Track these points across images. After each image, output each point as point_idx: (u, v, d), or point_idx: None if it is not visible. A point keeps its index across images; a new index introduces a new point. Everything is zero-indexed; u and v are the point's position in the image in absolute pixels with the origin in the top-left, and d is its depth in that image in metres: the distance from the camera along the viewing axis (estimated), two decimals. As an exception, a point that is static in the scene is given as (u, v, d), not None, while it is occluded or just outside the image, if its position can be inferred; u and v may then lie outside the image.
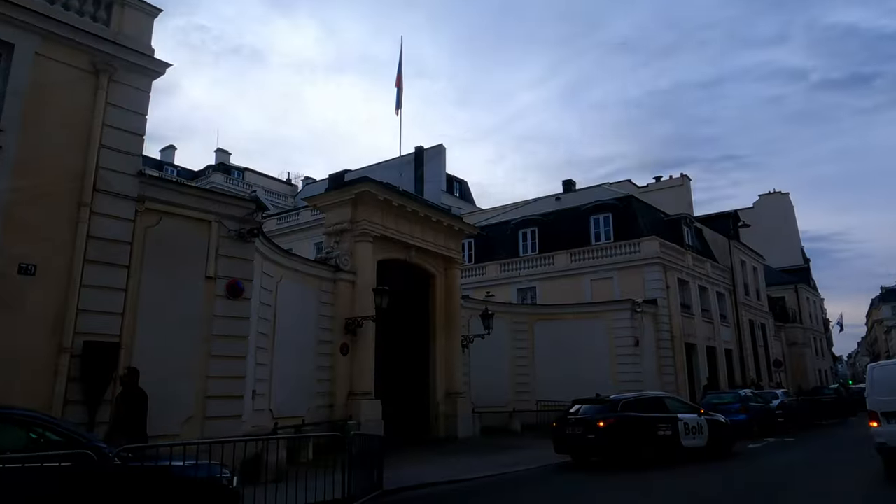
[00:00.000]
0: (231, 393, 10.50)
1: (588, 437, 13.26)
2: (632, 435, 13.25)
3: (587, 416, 13.78)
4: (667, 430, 13.81)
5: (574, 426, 13.73)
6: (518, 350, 24.36)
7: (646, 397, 15.14)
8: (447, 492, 10.69)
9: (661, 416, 13.99)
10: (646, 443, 13.44)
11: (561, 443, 14.14)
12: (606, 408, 13.87)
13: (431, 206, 20.50)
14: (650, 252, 26.37)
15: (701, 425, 14.46)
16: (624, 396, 14.91)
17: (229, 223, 10.98)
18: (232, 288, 10.79)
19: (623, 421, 13.35)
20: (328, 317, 16.87)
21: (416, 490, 10.61)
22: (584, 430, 13.38)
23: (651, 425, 13.65)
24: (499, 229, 33.10)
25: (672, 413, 14.28)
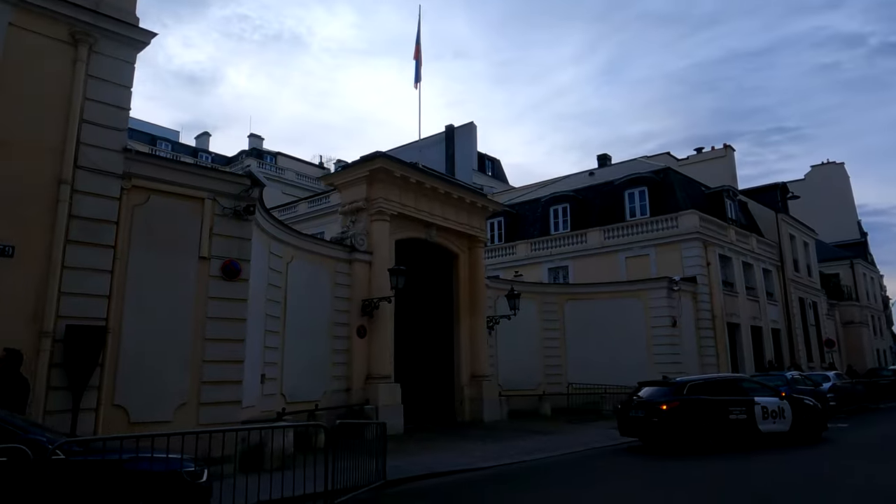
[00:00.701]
0: (228, 378, 10.05)
1: (652, 420, 12.95)
2: (698, 419, 12.77)
3: (650, 398, 13.41)
4: (740, 413, 13.18)
5: (637, 409, 13.51)
6: (548, 331, 23.42)
7: (717, 379, 14.54)
8: (456, 482, 10.02)
9: (734, 399, 13.39)
10: (715, 427, 12.88)
11: (625, 425, 13.96)
12: (671, 390, 13.42)
13: (452, 182, 19.67)
14: (689, 227, 24.88)
15: (783, 409, 13.63)
16: (691, 378, 14.55)
17: (224, 201, 10.46)
18: (227, 268, 10.29)
19: (688, 404, 12.87)
20: (344, 298, 16.34)
21: (423, 480, 9.99)
22: (646, 413, 13.13)
23: (721, 409, 13.06)
24: (529, 207, 32.00)
25: (747, 396, 13.60)
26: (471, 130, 47.14)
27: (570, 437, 15.76)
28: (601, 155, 37.97)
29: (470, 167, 45.93)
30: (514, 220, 32.05)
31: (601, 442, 14.77)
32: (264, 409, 12.94)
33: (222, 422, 9.64)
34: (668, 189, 26.94)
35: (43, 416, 8.07)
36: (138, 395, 9.08)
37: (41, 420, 8.02)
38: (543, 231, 30.08)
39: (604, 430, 17.17)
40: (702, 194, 29.03)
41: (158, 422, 9.11)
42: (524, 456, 12.51)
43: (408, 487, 9.48)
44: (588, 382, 22.60)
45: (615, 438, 15.41)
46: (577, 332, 23.50)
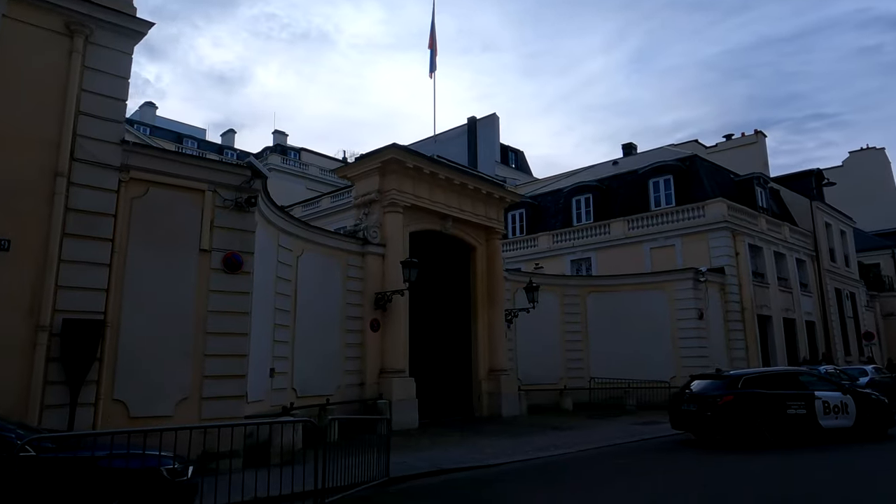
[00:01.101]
0: (231, 372, 9.87)
1: (705, 414, 12.72)
2: (754, 413, 12.42)
3: (703, 392, 13.20)
4: (799, 408, 12.73)
5: (689, 402, 13.29)
6: (570, 324, 22.90)
7: (775, 373, 14.24)
8: (463, 479, 9.69)
9: (792, 394, 12.92)
10: (772, 422, 12.46)
11: (676, 419, 13.75)
12: (725, 384, 13.10)
13: (467, 172, 19.27)
14: (716, 216, 24.00)
15: (846, 404, 13.11)
16: (746, 372, 14.38)
17: (225, 192, 10.27)
18: (229, 261, 10.11)
19: (743, 398, 12.52)
20: (357, 292, 16.13)
21: (429, 477, 9.68)
22: (699, 407, 12.90)
23: (778, 403, 12.64)
24: (551, 198, 31.38)
25: (806, 390, 13.12)
26: (493, 122, 46.56)
27: (590, 432, 15.29)
28: (626, 144, 37.09)
29: (492, 159, 45.41)
30: (536, 212, 31.48)
31: (622, 438, 14.29)
32: (274, 403, 12.82)
33: (225, 417, 9.48)
34: (695, 177, 26.05)
35: (40, 411, 8.01)
36: (138, 389, 8.97)
37: (38, 415, 7.98)
38: (566, 223, 29.46)
39: (626, 426, 16.66)
40: (731, 182, 28.02)
41: (159, 417, 9.00)
42: (539, 452, 12.13)
43: (411, 485, 9.18)
44: (611, 377, 22.08)
45: (636, 434, 14.91)
46: (599, 326, 22.92)
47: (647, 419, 18.32)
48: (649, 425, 16.85)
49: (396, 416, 15.44)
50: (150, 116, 51.36)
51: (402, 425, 15.51)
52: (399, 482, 9.22)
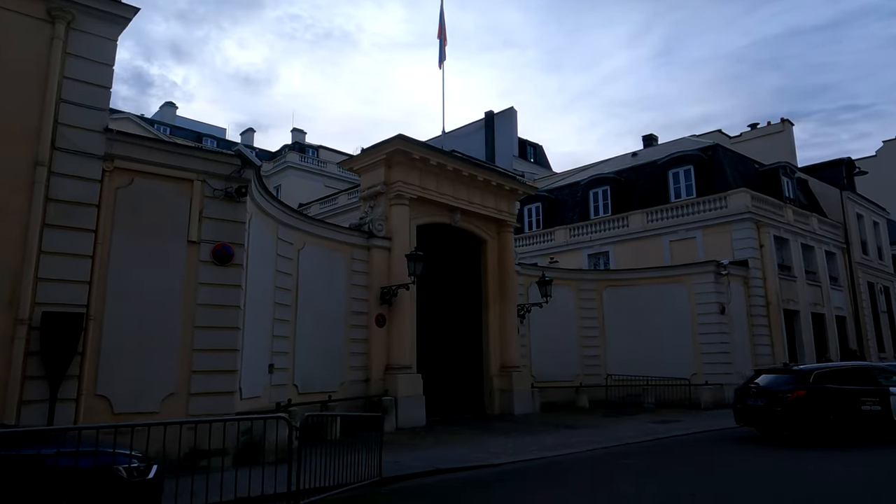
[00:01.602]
0: (221, 367, 9.57)
1: (774, 409, 12.54)
2: (826, 409, 12.18)
3: (772, 386, 12.95)
4: (874, 405, 12.44)
5: (756, 397, 13.10)
6: (586, 320, 22.22)
7: (847, 367, 13.80)
8: (459, 480, 9.23)
9: (866, 389, 12.61)
10: (845, 419, 12.13)
11: (742, 414, 13.52)
12: (795, 378, 12.81)
13: (477, 164, 18.76)
14: (739, 206, 23.06)
15: None
16: (818, 366, 14.07)
17: (214, 182, 9.97)
18: (219, 253, 9.81)
19: (815, 393, 12.24)
20: (362, 286, 15.77)
21: (424, 477, 9.25)
22: (768, 402, 12.74)
23: (852, 399, 12.33)
24: (568, 191, 30.67)
25: (881, 386, 12.82)
26: (510, 116, 45.90)
27: (603, 431, 14.70)
28: (647, 136, 36.12)
29: (510, 153, 44.77)
30: (553, 206, 30.80)
31: (635, 437, 13.68)
32: (274, 400, 12.51)
33: (215, 413, 9.17)
34: (717, 167, 25.10)
35: (18, 406, 7.79)
36: (122, 384, 8.72)
37: (16, 412, 7.75)
38: (583, 216, 28.73)
39: (642, 425, 16.01)
40: (755, 172, 26.96)
41: (144, 413, 8.73)
42: (545, 452, 11.61)
43: (404, 486, 8.76)
44: (628, 374, 21.39)
45: (650, 433, 14.28)
46: (616, 321, 22.21)
47: (665, 417, 17.64)
48: (666, 424, 16.18)
49: (402, 414, 15.08)
50: (171, 116, 51.88)
51: (409, 423, 15.13)
52: (391, 482, 8.81)
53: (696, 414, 18.57)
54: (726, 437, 13.99)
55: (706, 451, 12.30)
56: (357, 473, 8.53)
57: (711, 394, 20.05)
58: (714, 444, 13.06)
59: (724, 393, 20.39)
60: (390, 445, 12.49)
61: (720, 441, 13.35)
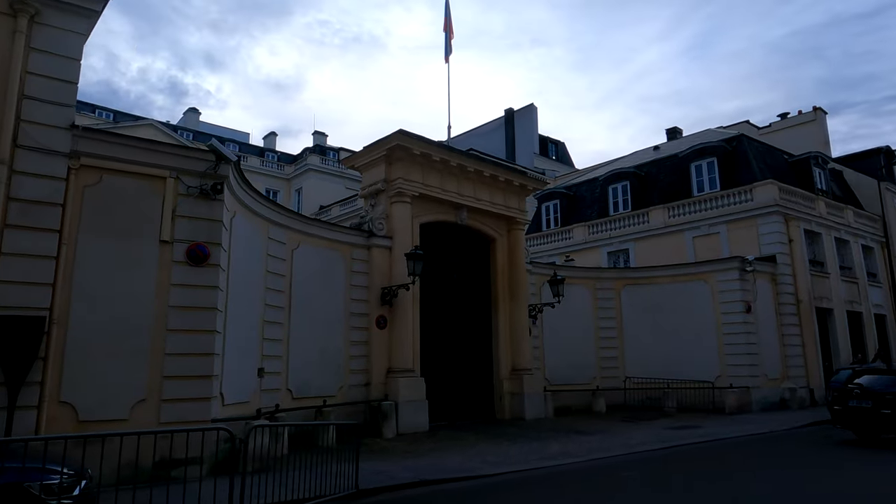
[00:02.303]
0: (195, 372, 9.14)
1: (881, 412, 12.16)
2: None
3: (879, 388, 12.55)
4: None
5: (861, 398, 12.64)
6: (603, 320, 21.32)
7: None
8: (443, 492, 8.62)
9: None
10: None
11: (842, 416, 13.09)
12: None
13: (483, 159, 18.08)
14: (765, 199, 21.84)
15: None
16: None
17: (188, 179, 9.57)
18: (193, 253, 9.39)
19: None
20: (362, 287, 15.26)
21: (407, 489, 8.65)
22: (875, 404, 12.32)
23: None
24: (587, 188, 29.71)
25: None
26: (531, 113, 45.03)
27: (615, 438, 13.89)
28: (670, 129, 34.88)
29: (531, 150, 43.90)
30: (571, 203, 29.88)
31: (647, 445, 12.83)
32: (264, 405, 12.09)
33: (189, 420, 8.77)
34: (742, 159, 23.87)
35: (-26, 413, 7.46)
36: (89, 391, 8.35)
37: (-28, 418, 7.43)
38: (602, 213, 27.75)
39: (659, 431, 15.12)
40: (784, 163, 25.60)
41: (112, 420, 8.35)
42: (546, 461, 10.91)
43: (381, 499, 8.18)
44: (648, 376, 20.44)
45: (666, 440, 13.41)
46: (635, 321, 21.25)
47: (686, 423, 16.68)
48: (685, 430, 15.26)
49: (404, 419, 14.52)
50: (194, 122, 52.49)
51: (411, 428, 14.55)
52: (369, 495, 8.24)
53: (720, 419, 17.55)
54: (748, 443, 13.07)
55: (722, 459, 11.41)
56: (334, 485, 8.00)
57: (736, 397, 18.95)
58: (732, 450, 12.16)
59: (750, 396, 19.29)
60: (385, 452, 12.01)
61: (740, 447, 12.44)
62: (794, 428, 15.70)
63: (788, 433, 15.06)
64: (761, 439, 13.90)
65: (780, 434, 14.82)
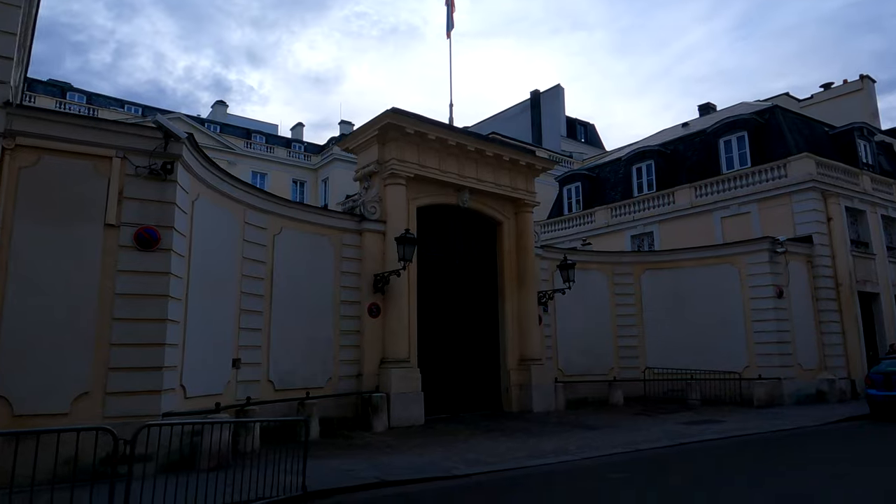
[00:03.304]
0: (144, 364, 8.59)
1: None
2: None
3: None
4: None
5: None
6: (622, 307, 20.09)
7: None
8: (406, 495, 7.80)
9: None
10: None
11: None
12: None
13: (484, 138, 17.11)
14: (800, 175, 20.09)
15: None
16: None
17: (136, 159, 8.98)
18: (141, 237, 8.82)
19: None
20: (354, 273, 14.56)
21: (364, 491, 7.88)
22: None
23: None
24: (610, 169, 28.25)
25: None
26: (557, 94, 43.47)
27: (622, 433, 12.82)
28: (703, 105, 32.92)
29: (557, 133, 42.42)
30: (594, 185, 28.50)
31: (656, 441, 11.74)
32: (242, 397, 11.55)
33: (137, 415, 8.24)
34: (775, 132, 22.08)
35: None
36: (25, 384, 7.88)
37: None
38: (626, 194, 26.30)
39: (673, 426, 13.95)
40: (824, 136, 23.61)
41: (51, 415, 7.88)
42: (534, 460, 10.00)
43: (328, 502, 7.42)
44: (670, 367, 19.14)
45: (677, 437, 12.26)
46: (657, 308, 19.93)
47: (707, 417, 15.41)
48: (703, 425, 14.03)
49: (396, 412, 13.80)
50: (222, 115, 52.88)
51: (404, 421, 13.83)
52: (318, 497, 7.50)
53: (746, 413, 16.18)
54: (769, 441, 11.81)
55: (731, 460, 10.24)
56: (281, 485, 7.32)
57: (766, 389, 17.49)
58: (746, 450, 10.93)
59: (781, 388, 17.81)
60: (367, 447, 11.29)
61: (757, 446, 11.19)
62: (826, 423, 14.26)
63: (819, 429, 13.66)
64: (786, 436, 12.60)
65: (809, 430, 13.45)
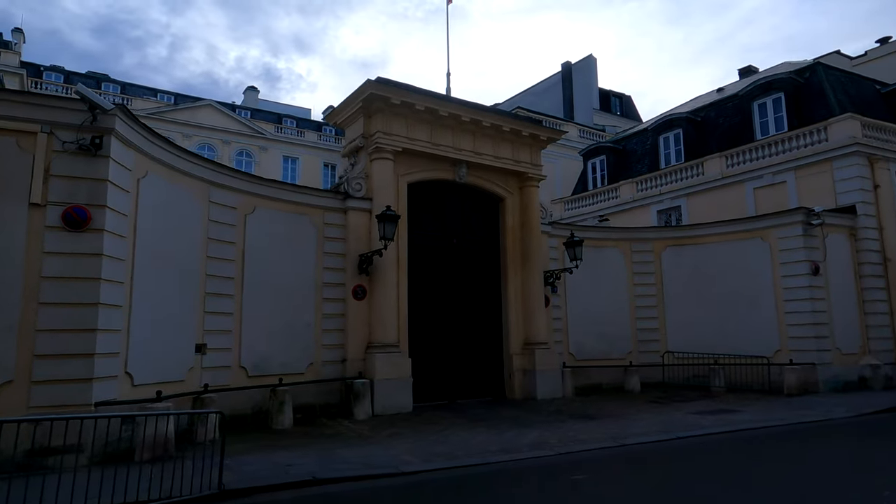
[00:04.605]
0: (74, 350, 8.13)
1: None
2: None
3: None
4: None
5: None
6: (640, 286, 18.73)
7: None
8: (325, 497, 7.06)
9: None
10: None
11: None
12: None
13: (480, 108, 15.95)
14: (842, 137, 18.04)
15: None
16: None
17: (63, 134, 8.46)
18: (69, 217, 8.32)
19: None
20: (337, 254, 13.86)
21: (281, 491, 7.15)
22: None
23: None
24: (637, 140, 26.50)
25: None
26: (589, 66, 41.39)
27: (620, 425, 11.69)
28: (744, 68, 30.50)
29: (590, 106, 40.45)
30: (620, 158, 26.82)
31: (650, 435, 10.60)
32: (211, 384, 11.08)
33: (67, 405, 7.84)
34: (816, 92, 19.95)
35: None
36: (-57, 372, 7.54)
37: None
38: (653, 166, 24.58)
39: (682, 416, 12.72)
40: (874, 95, 21.23)
41: (-30, 404, 7.51)
42: (501, 455, 9.09)
43: (244, 502, 6.75)
44: (693, 351, 17.74)
45: (677, 430, 11.03)
46: (679, 287, 18.47)
47: (724, 406, 14.05)
48: (716, 415, 12.74)
49: (380, 399, 13.10)
50: (253, 101, 53.16)
51: (390, 409, 13.14)
52: (236, 496, 6.85)
53: (772, 401, 14.68)
54: (784, 435, 10.46)
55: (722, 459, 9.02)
56: (200, 482, 6.73)
57: (798, 376, 15.88)
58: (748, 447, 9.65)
59: (816, 375, 16.15)
60: (333, 438, 10.63)
61: (766, 442, 9.89)
62: (861, 414, 12.69)
63: (850, 421, 12.15)
64: (805, 430, 11.20)
65: (838, 422, 11.96)
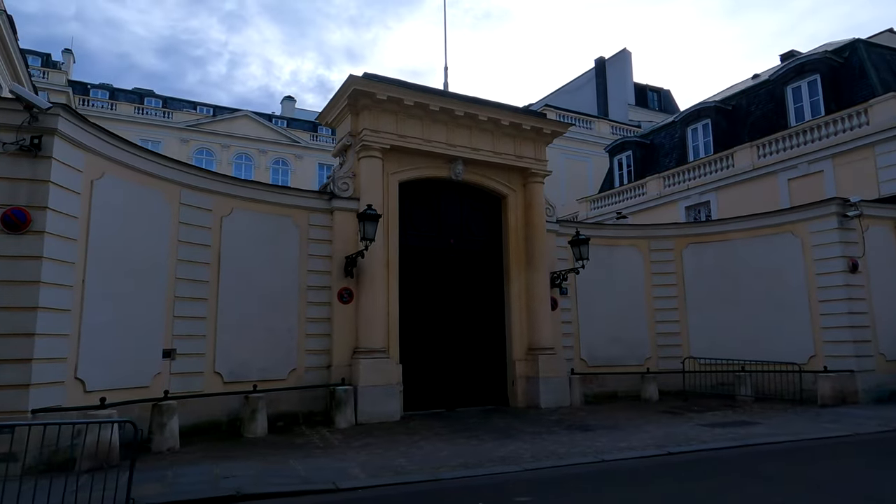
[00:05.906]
0: (10, 356, 7.93)
1: None
2: None
3: None
4: None
5: None
6: (659, 288, 17.46)
7: None
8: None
9: None
10: None
11: None
12: None
13: (476, 101, 15.21)
14: (886, 119, 16.28)
15: None
16: None
17: (3, 135, 8.31)
18: (7, 219, 8.15)
19: None
20: (323, 257, 13.42)
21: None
22: None
23: None
24: (665, 134, 25.04)
25: None
26: (623, 60, 39.87)
27: (613, 437, 10.68)
28: (785, 53, 28.43)
29: (624, 101, 38.93)
30: (647, 153, 25.41)
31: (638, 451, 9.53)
32: (181, 390, 10.81)
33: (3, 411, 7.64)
34: (856, 72, 18.16)
35: None
36: None
37: None
38: (681, 160, 23.12)
39: (690, 429, 11.55)
40: (926, 73, 19.18)
41: None
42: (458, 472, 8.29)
43: (147, 521, 6.29)
44: (717, 357, 16.34)
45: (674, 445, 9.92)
46: (702, 288, 17.10)
47: (742, 417, 12.74)
48: (728, 427, 11.52)
49: (365, 407, 12.54)
50: (290, 110, 54.11)
51: (376, 417, 12.55)
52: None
53: (802, 412, 13.24)
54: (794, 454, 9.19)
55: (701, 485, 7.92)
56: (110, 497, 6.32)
57: (833, 384, 14.30)
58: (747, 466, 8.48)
59: (856, 383, 14.52)
60: (299, 448, 10.11)
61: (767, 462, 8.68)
62: (893, 430, 11.18)
63: (880, 437, 10.68)
64: (820, 447, 9.85)
65: (863, 439, 10.52)
